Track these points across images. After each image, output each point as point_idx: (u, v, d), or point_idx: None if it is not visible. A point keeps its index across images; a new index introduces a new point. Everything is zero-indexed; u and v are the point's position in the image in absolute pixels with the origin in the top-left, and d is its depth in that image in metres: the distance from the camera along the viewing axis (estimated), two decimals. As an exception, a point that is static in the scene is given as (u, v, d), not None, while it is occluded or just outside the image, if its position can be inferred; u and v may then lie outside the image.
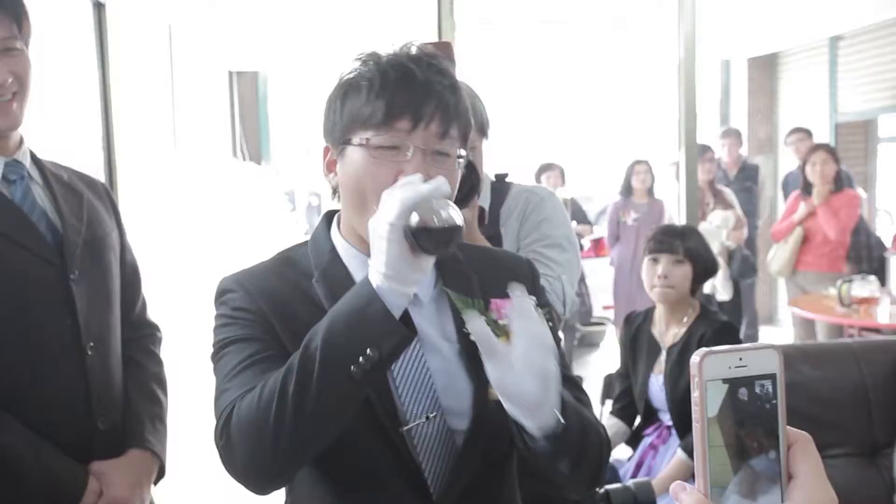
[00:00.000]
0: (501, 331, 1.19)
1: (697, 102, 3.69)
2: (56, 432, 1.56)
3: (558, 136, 8.82)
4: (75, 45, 3.07)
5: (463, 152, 1.28)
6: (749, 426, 0.68)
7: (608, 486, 2.09)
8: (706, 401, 0.66)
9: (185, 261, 5.53)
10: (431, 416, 1.27)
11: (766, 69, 8.77)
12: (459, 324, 1.26)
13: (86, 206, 1.72)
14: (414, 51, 1.27)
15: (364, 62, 1.26)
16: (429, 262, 1.14)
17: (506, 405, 1.14)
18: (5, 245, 1.55)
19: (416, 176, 1.15)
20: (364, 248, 1.25)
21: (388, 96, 1.21)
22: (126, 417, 1.69)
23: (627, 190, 6.46)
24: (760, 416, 0.68)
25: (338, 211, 1.36)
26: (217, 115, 7.81)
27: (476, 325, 1.12)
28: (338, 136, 1.26)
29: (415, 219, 1.08)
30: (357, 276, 1.29)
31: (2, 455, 1.44)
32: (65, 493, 1.55)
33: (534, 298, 1.17)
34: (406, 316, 1.15)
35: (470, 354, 1.25)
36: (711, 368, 0.66)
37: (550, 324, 1.20)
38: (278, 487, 1.26)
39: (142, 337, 1.85)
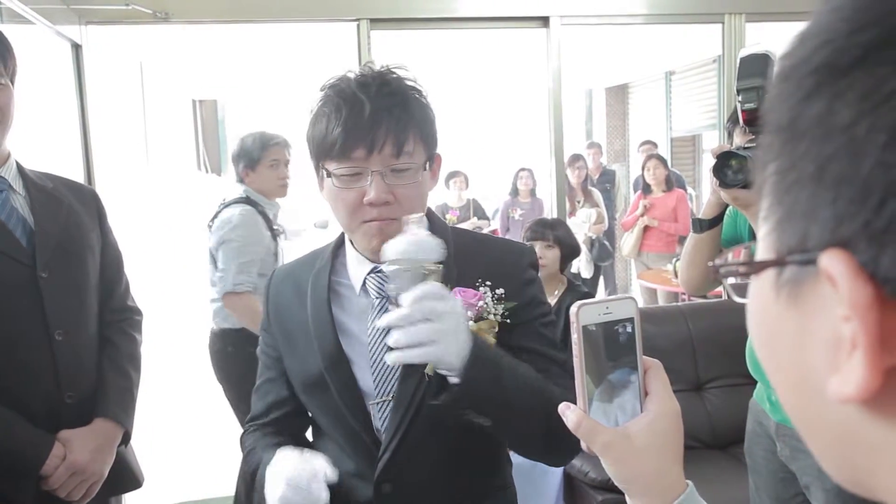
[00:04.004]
0: None
1: (565, 122, 3.67)
2: (27, 406, 1.47)
3: (461, 148, 8.85)
4: (58, 80, 2.94)
5: (430, 152, 1.14)
6: (615, 356, 0.68)
7: None
8: (582, 340, 0.66)
9: (158, 253, 5.35)
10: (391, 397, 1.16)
11: (618, 96, 8.97)
12: None
13: (65, 211, 1.59)
14: (368, 71, 1.12)
15: (325, 94, 1.13)
16: None
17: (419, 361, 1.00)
18: None
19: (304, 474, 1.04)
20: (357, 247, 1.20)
21: (342, 129, 1.08)
22: (96, 391, 1.58)
23: (514, 191, 6.42)
24: (623, 348, 0.68)
25: None
26: (183, 135, 7.58)
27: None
28: (315, 162, 1.15)
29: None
30: (352, 268, 1.21)
31: None
32: (28, 456, 1.46)
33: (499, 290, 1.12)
34: None
35: None
36: (585, 316, 0.66)
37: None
38: None
39: (121, 320, 1.71)
